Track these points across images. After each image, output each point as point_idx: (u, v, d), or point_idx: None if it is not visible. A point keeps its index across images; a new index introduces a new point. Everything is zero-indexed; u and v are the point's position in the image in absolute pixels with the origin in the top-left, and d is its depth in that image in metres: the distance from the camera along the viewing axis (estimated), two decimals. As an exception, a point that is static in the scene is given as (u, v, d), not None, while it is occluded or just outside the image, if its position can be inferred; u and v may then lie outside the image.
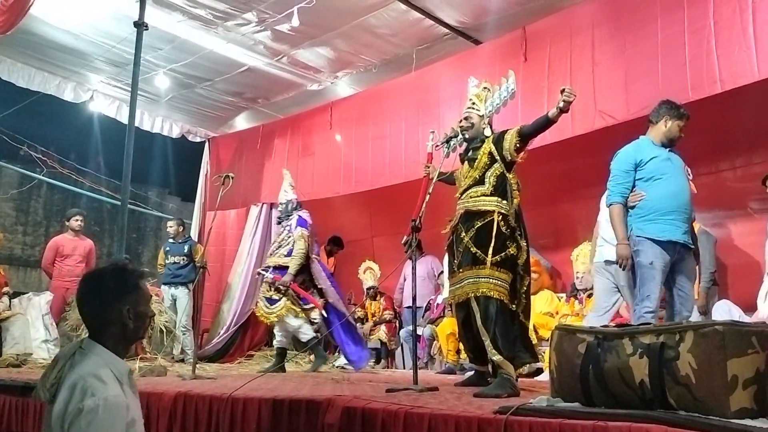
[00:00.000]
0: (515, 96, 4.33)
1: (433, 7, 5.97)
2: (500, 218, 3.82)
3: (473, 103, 4.32)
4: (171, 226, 8.03)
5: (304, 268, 6.06)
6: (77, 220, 7.56)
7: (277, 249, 6.19)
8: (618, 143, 6.13)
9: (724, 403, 1.97)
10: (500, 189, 3.93)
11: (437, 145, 4.40)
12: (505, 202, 3.88)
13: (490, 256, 3.80)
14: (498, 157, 3.99)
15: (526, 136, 4.02)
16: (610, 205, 4.11)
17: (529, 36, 5.78)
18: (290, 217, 6.24)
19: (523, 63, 5.78)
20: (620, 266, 4.02)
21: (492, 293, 3.76)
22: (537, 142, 5.55)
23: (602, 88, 5.24)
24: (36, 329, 6.74)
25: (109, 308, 1.91)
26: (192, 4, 6.03)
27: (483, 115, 4.23)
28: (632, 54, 5.08)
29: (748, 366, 1.99)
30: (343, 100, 7.67)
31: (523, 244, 3.89)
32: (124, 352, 1.98)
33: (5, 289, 6.92)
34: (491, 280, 3.78)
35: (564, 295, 6.43)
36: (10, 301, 6.91)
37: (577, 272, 6.18)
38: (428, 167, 4.44)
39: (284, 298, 5.88)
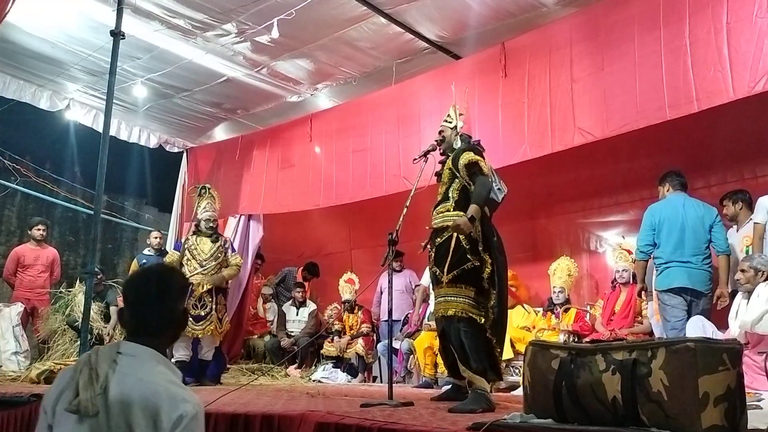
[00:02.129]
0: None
1: (413, 21, 5.98)
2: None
3: (448, 115, 4.37)
4: (156, 237, 7.95)
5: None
6: (39, 229, 7.45)
7: (216, 269, 6.28)
8: (597, 160, 6.23)
9: (696, 421, 1.97)
10: (462, 203, 3.93)
11: (415, 159, 4.40)
12: (463, 215, 3.83)
13: (445, 274, 3.81)
14: (456, 173, 3.99)
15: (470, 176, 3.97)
16: None
17: (508, 51, 5.82)
18: (220, 238, 6.50)
19: (502, 78, 5.82)
20: None
21: (452, 312, 3.76)
22: (517, 157, 5.62)
23: (581, 104, 5.28)
24: (6, 341, 6.61)
25: (175, 308, 1.86)
26: (170, 14, 5.99)
27: (455, 127, 4.25)
28: (610, 72, 5.13)
29: (719, 383, 2.00)
30: (323, 112, 7.66)
31: (487, 257, 3.79)
32: (166, 354, 1.92)
33: (-25, 299, 6.79)
34: (450, 298, 3.79)
35: (541, 309, 6.45)
36: (-20, 312, 6.76)
37: (554, 286, 6.21)
38: None
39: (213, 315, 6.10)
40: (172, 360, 5.85)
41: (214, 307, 6.13)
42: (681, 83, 4.68)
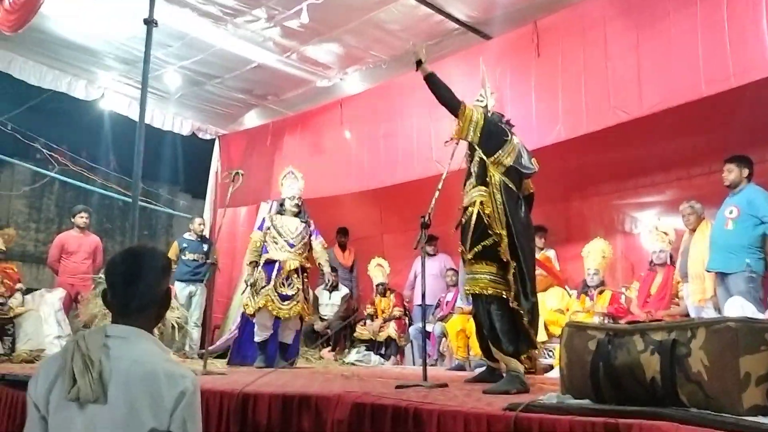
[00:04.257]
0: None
1: (442, 1, 5.94)
2: (480, 207, 3.78)
3: (480, 95, 4.32)
4: (200, 224, 8.05)
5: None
6: (82, 217, 7.59)
7: (303, 249, 6.07)
8: (632, 140, 6.13)
9: (737, 401, 1.94)
10: (482, 176, 3.89)
11: (447, 141, 4.38)
12: (485, 188, 3.82)
13: (468, 251, 3.79)
14: (476, 148, 3.95)
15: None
16: None
17: (540, 31, 5.74)
18: (308, 218, 6.22)
19: (535, 58, 5.75)
20: None
21: (477, 290, 3.75)
22: (551, 138, 5.55)
23: (616, 83, 5.19)
24: (49, 325, 6.77)
25: (157, 287, 1.84)
26: (202, 1, 6.04)
27: (486, 106, 4.21)
28: (645, 50, 5.03)
29: (761, 363, 1.96)
30: (353, 96, 7.65)
31: (503, 231, 3.72)
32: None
33: (18, 285, 6.95)
34: (474, 275, 3.78)
35: (575, 291, 6.39)
36: (23, 298, 6.92)
37: (588, 269, 6.15)
38: None
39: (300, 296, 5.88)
40: (257, 339, 5.87)
41: (301, 287, 5.93)
42: (717, 59, 4.58)
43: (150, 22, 5.31)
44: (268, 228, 6.07)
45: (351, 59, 7.13)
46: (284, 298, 5.82)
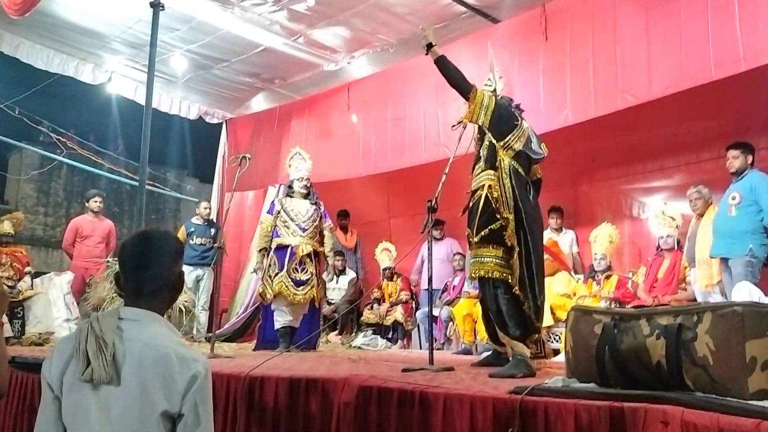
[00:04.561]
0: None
1: (450, -16, 5.90)
2: (488, 190, 3.77)
3: (488, 79, 4.29)
4: (206, 208, 8.07)
5: None
6: (96, 201, 7.64)
7: (314, 233, 6.00)
8: (641, 124, 6.09)
9: (742, 385, 1.94)
10: (491, 159, 3.88)
11: (454, 126, 4.36)
12: (494, 172, 3.82)
13: (474, 234, 3.79)
14: (486, 131, 3.94)
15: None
16: None
17: (549, 14, 5.69)
18: (317, 200, 6.15)
19: (544, 42, 5.71)
20: None
21: (483, 272, 3.75)
22: (559, 123, 5.53)
23: (625, 67, 5.15)
24: (58, 308, 6.83)
25: (170, 271, 1.85)
26: (208, -16, 6.02)
27: (494, 90, 4.19)
28: (655, 33, 4.99)
29: (767, 347, 1.96)
30: (360, 80, 7.63)
31: (510, 216, 3.72)
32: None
33: (27, 269, 7.00)
34: (479, 258, 3.78)
35: (582, 276, 6.39)
36: (32, 281, 6.99)
37: (596, 253, 6.14)
38: None
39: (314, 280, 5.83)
40: (277, 326, 5.83)
41: (314, 272, 5.86)
42: (728, 42, 4.54)
43: (156, 6, 5.31)
44: (278, 212, 5.98)
45: (358, 43, 7.10)
46: (298, 283, 5.78)
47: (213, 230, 7.88)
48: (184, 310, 7.05)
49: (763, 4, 4.39)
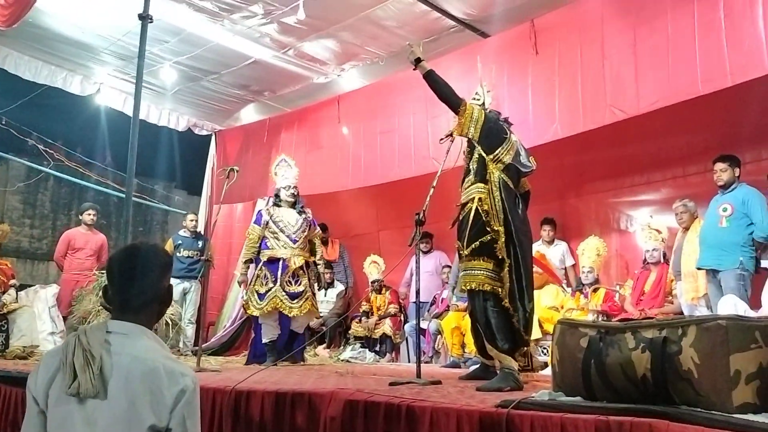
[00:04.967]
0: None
1: (440, -1, 5.93)
2: (478, 203, 3.79)
3: (476, 93, 4.32)
4: (192, 220, 8.04)
5: None
6: (90, 214, 7.62)
7: (305, 243, 5.94)
8: (628, 138, 6.14)
9: (727, 398, 1.95)
10: (480, 172, 3.90)
11: (442, 139, 4.38)
12: (484, 185, 3.83)
13: (464, 247, 3.81)
14: (475, 144, 3.96)
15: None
16: None
17: (538, 29, 5.74)
18: (305, 209, 6.09)
19: (533, 57, 5.75)
20: None
21: (473, 285, 3.76)
22: (548, 136, 5.56)
23: (613, 82, 5.20)
24: (42, 321, 6.77)
25: (158, 284, 1.84)
26: (198, -3, 6.02)
27: (483, 104, 4.21)
28: (642, 48, 5.04)
29: (751, 361, 1.97)
30: (350, 93, 7.65)
31: (500, 228, 3.73)
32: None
33: (12, 281, 6.95)
34: (470, 271, 3.79)
35: (569, 289, 6.41)
36: (17, 294, 6.93)
37: (583, 266, 6.16)
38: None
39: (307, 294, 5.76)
40: (265, 340, 5.76)
41: (308, 283, 5.79)
42: (714, 58, 4.59)
43: (145, 18, 5.29)
44: (267, 222, 5.90)
45: (348, 56, 7.12)
46: (293, 296, 5.70)
47: (200, 243, 7.85)
48: (170, 323, 7.00)
49: (748, 20, 4.45)
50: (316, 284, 6.06)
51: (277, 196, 6.11)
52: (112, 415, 1.64)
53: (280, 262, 5.76)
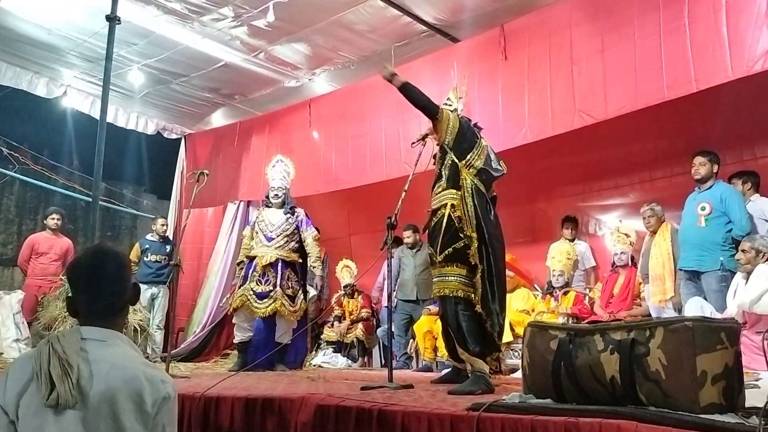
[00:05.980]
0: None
1: (410, 3, 5.94)
2: (451, 210, 3.81)
3: (448, 98, 4.35)
4: (162, 225, 7.93)
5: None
6: (54, 219, 7.49)
7: (284, 242, 5.92)
8: (597, 143, 6.22)
9: (694, 399, 1.98)
10: (453, 178, 3.92)
11: (414, 143, 4.39)
12: (456, 191, 3.85)
13: (437, 253, 3.82)
14: (447, 150, 3.98)
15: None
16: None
17: (507, 34, 5.78)
18: (294, 210, 6.09)
19: (502, 61, 5.79)
20: None
21: (447, 291, 3.77)
22: (518, 141, 5.60)
23: (581, 87, 5.26)
24: (7, 328, 6.61)
25: (128, 285, 1.81)
26: (167, -2, 5.95)
27: (455, 110, 4.23)
28: (610, 54, 5.10)
29: (717, 361, 2.00)
30: (321, 97, 7.62)
31: (473, 234, 3.75)
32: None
33: (-25, 287, 6.79)
34: (443, 277, 3.80)
35: (540, 291, 6.46)
36: (-20, 300, 6.77)
37: (554, 270, 6.21)
38: None
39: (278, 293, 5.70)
40: (235, 340, 5.79)
41: (278, 282, 5.69)
42: (680, 64, 4.66)
43: (112, 19, 5.20)
44: (254, 223, 6.03)
45: (319, 59, 7.09)
46: (260, 296, 5.65)
47: (168, 247, 7.75)
48: (138, 329, 6.89)
49: (713, 27, 4.53)
50: (304, 285, 6.05)
51: (267, 197, 6.20)
52: (91, 424, 1.58)
53: (254, 261, 5.81)
